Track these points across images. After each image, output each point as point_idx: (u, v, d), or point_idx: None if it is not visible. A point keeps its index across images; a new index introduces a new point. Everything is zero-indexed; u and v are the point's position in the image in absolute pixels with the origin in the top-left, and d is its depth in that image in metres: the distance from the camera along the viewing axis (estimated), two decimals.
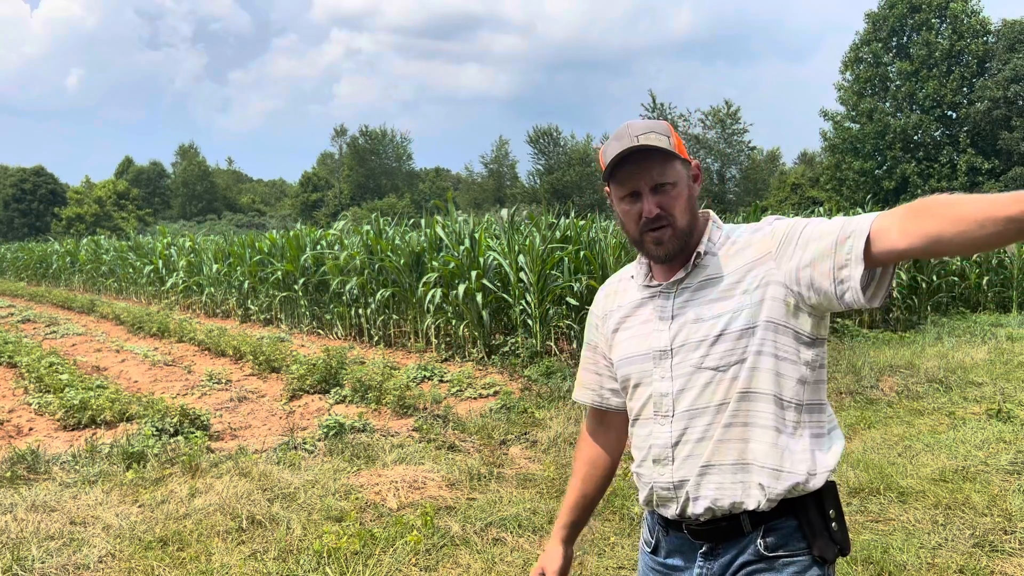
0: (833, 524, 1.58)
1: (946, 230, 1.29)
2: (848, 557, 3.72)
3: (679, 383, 1.59)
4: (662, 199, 1.58)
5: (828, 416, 1.63)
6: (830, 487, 1.60)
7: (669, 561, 1.70)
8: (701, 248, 1.61)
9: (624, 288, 1.76)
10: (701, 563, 1.63)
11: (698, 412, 1.58)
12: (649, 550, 1.75)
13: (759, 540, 1.56)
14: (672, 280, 1.63)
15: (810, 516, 1.56)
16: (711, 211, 1.71)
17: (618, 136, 1.60)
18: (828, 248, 1.44)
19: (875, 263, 1.41)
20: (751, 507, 1.55)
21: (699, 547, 1.63)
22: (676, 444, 1.60)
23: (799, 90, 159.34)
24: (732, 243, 1.62)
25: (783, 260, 1.53)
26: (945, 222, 1.29)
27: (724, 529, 1.59)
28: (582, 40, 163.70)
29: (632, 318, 1.70)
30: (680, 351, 1.59)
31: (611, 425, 1.87)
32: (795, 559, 1.56)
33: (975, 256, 13.84)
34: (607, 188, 1.67)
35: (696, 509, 1.59)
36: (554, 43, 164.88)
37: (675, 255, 1.62)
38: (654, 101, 45.77)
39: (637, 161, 1.57)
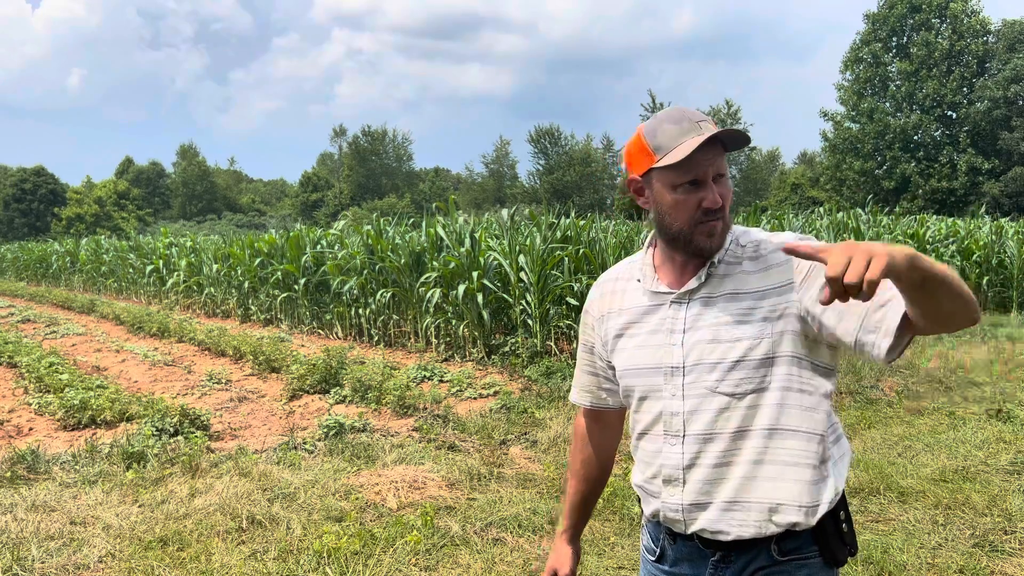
0: (844, 526, 1.58)
1: (953, 310, 1.32)
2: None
3: (690, 403, 1.54)
4: (722, 190, 1.52)
5: (840, 431, 1.63)
6: (842, 493, 1.60)
7: (676, 569, 1.66)
8: (715, 256, 1.55)
9: (624, 289, 1.68)
10: (711, 571, 1.60)
11: (712, 437, 1.53)
12: (653, 558, 1.71)
13: (773, 546, 1.55)
14: (685, 289, 1.57)
15: (823, 522, 1.55)
16: None
17: (675, 119, 1.50)
18: (859, 308, 1.38)
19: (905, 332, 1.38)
20: (777, 533, 1.54)
21: (710, 555, 1.60)
22: (689, 467, 1.56)
23: (799, 90, 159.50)
24: (751, 257, 1.55)
25: (805, 295, 1.47)
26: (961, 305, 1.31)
27: (741, 542, 1.56)
28: (584, 40, 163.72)
29: (639, 325, 1.63)
30: (693, 370, 1.54)
31: (607, 423, 1.86)
32: (808, 561, 1.55)
33: (975, 256, 13.85)
34: (639, 177, 1.57)
35: (717, 537, 1.56)
36: (556, 43, 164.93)
37: (718, 252, 1.55)
38: (654, 101, 45.83)
39: (706, 148, 1.47)
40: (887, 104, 40.69)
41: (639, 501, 1.72)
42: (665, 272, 1.62)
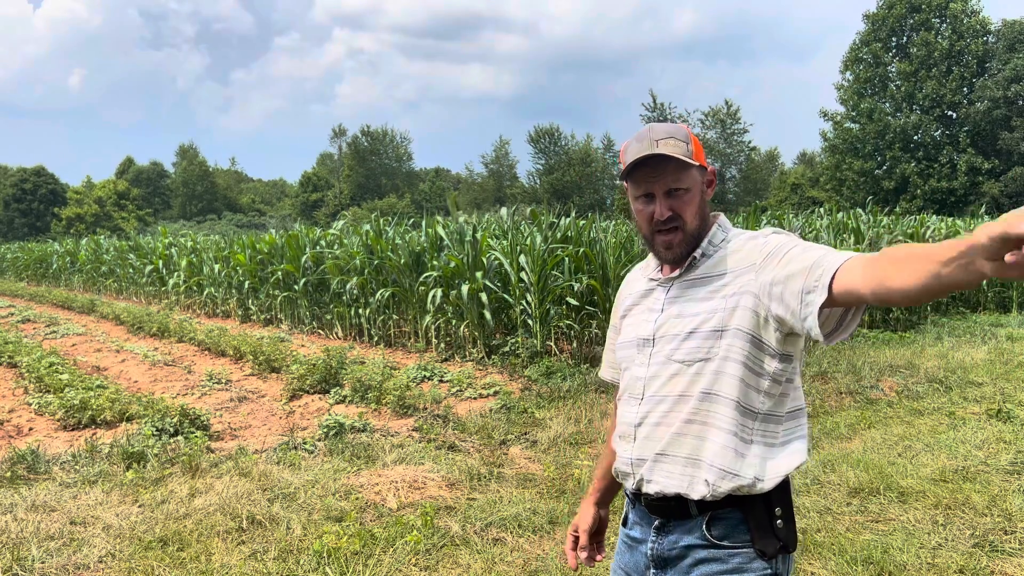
0: (778, 521, 1.64)
1: (893, 277, 1.24)
2: (848, 557, 3.72)
3: (652, 370, 1.70)
4: (674, 203, 1.66)
5: (787, 428, 1.66)
6: (781, 487, 1.64)
7: (631, 532, 1.81)
8: (698, 252, 1.70)
9: (637, 278, 1.87)
10: (653, 537, 1.72)
11: (660, 399, 1.68)
12: (622, 523, 1.87)
13: (704, 526, 1.64)
14: (669, 276, 1.74)
15: (755, 511, 1.62)
16: (721, 214, 1.77)
17: (639, 138, 1.67)
18: (803, 269, 1.46)
19: (836, 301, 1.39)
20: (695, 498, 1.64)
21: (653, 521, 1.73)
22: (638, 425, 1.72)
23: (799, 90, 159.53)
24: (728, 248, 1.69)
25: (763, 272, 1.57)
26: (896, 269, 1.24)
27: (673, 508, 1.68)
28: (585, 40, 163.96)
29: (637, 307, 1.82)
30: (659, 341, 1.70)
31: None
32: (740, 551, 1.62)
33: None
34: (625, 184, 1.75)
35: (648, 489, 1.70)
36: (557, 43, 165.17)
37: (683, 259, 1.70)
38: (654, 101, 45.82)
39: (654, 165, 1.64)
40: (887, 104, 40.68)
41: None
42: (665, 266, 1.79)
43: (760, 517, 1.62)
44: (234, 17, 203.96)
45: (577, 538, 2.02)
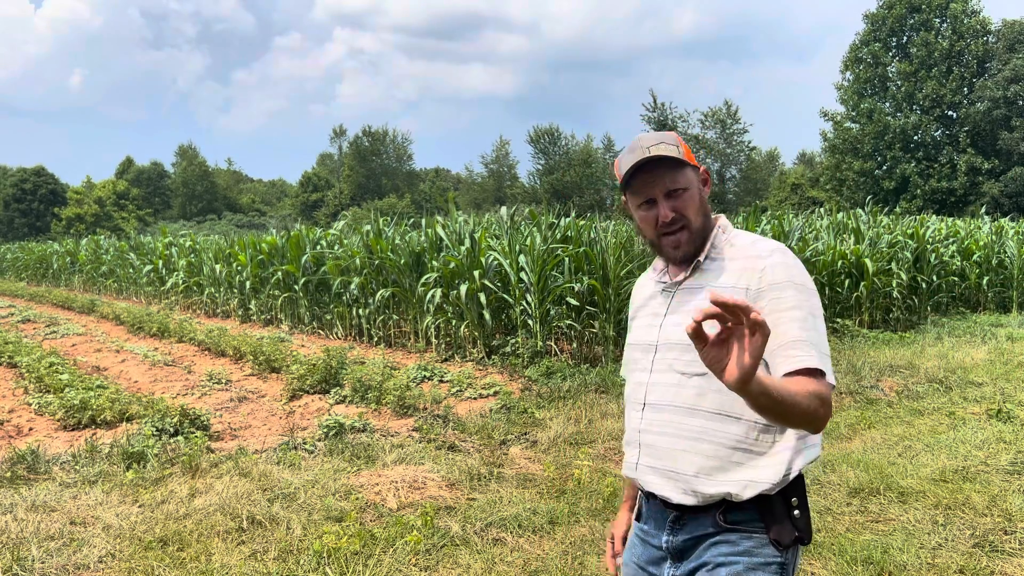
0: (796, 511, 1.65)
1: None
2: (848, 557, 3.72)
3: (654, 377, 1.74)
4: (676, 203, 1.71)
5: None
6: (797, 479, 1.67)
7: (645, 527, 1.82)
8: (701, 256, 1.73)
9: (648, 280, 1.91)
10: (668, 532, 1.74)
11: (661, 407, 1.71)
12: (635, 517, 1.89)
13: (718, 515, 1.66)
14: (674, 281, 1.77)
15: (772, 503, 1.64)
16: (723, 216, 1.82)
17: (631, 149, 1.72)
18: (781, 339, 1.58)
19: None
20: (713, 503, 1.67)
21: (668, 515, 1.74)
22: (642, 431, 1.75)
23: (799, 90, 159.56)
24: (732, 255, 1.72)
25: (755, 305, 1.61)
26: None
27: (688, 507, 1.70)
28: (586, 40, 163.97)
29: (644, 309, 1.86)
30: (662, 348, 1.73)
31: None
32: (752, 535, 1.64)
33: (975, 256, 13.85)
34: (624, 198, 1.79)
35: (661, 494, 1.73)
36: (558, 43, 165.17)
37: (691, 256, 1.74)
38: (655, 101, 45.80)
39: (650, 170, 1.69)
40: (887, 104, 40.66)
41: None
42: (671, 268, 1.82)
43: (777, 507, 1.64)
44: (235, 17, 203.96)
45: (614, 544, 2.04)
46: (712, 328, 1.27)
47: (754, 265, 1.66)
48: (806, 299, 1.62)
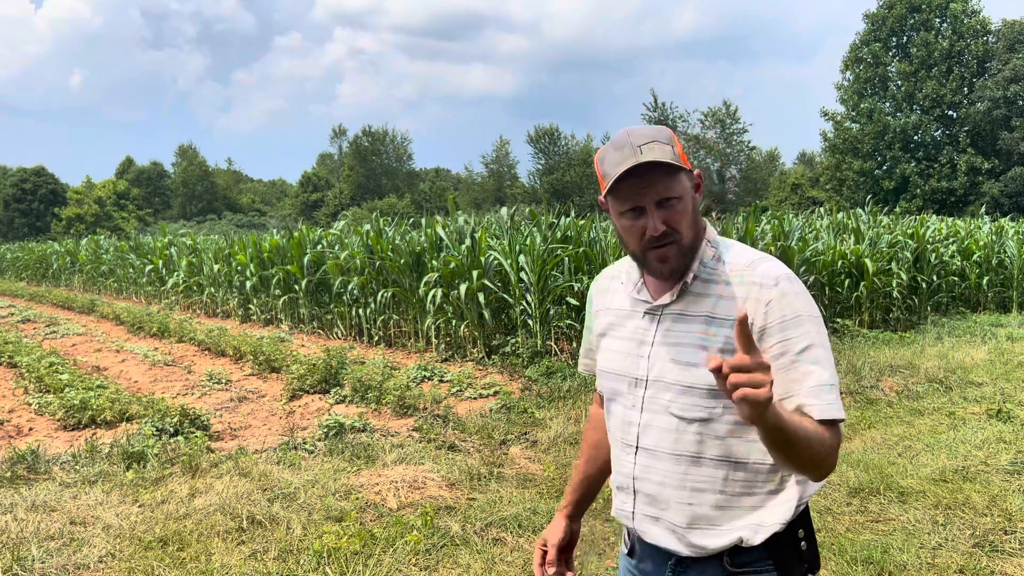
0: (803, 543, 1.56)
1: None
2: (848, 557, 3.72)
3: (646, 417, 1.57)
4: (668, 215, 1.48)
5: None
6: (803, 510, 1.58)
7: (643, 566, 1.69)
8: (689, 276, 1.53)
9: (616, 289, 1.70)
10: (671, 573, 1.62)
11: (658, 454, 1.56)
12: (626, 552, 1.76)
13: (725, 558, 1.55)
14: (658, 303, 1.56)
15: (780, 540, 1.54)
16: (708, 224, 1.62)
17: (618, 145, 1.48)
18: (793, 387, 1.46)
19: None
20: (722, 551, 1.56)
21: (669, 557, 1.61)
22: (637, 478, 1.60)
23: (799, 90, 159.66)
24: (725, 276, 1.53)
25: (758, 338, 1.48)
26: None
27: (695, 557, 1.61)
28: (587, 40, 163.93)
29: (619, 328, 1.65)
30: (653, 385, 1.55)
31: None
32: (762, 573, 1.54)
33: (975, 256, 13.85)
34: (602, 199, 1.56)
35: (662, 546, 1.60)
36: (558, 43, 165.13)
37: (681, 272, 1.53)
38: (655, 101, 45.83)
39: (641, 174, 1.45)
40: (887, 104, 40.68)
41: None
42: (649, 280, 1.61)
43: (785, 544, 1.54)
44: (235, 17, 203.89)
45: (545, 553, 1.88)
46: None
47: (758, 296, 1.47)
48: (817, 332, 1.47)
